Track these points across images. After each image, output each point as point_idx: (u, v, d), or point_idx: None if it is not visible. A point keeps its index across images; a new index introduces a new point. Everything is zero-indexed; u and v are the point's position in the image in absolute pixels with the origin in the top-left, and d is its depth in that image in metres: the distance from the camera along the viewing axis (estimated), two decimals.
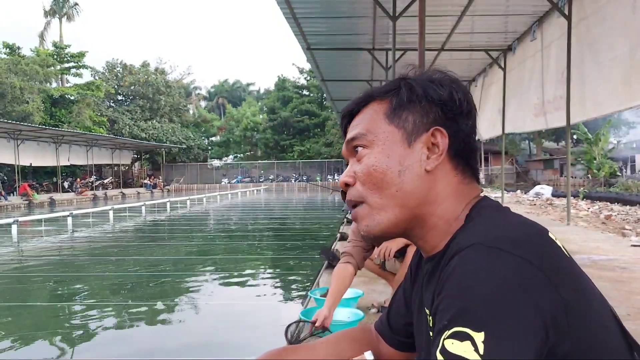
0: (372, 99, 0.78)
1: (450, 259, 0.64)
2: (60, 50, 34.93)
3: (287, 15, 8.61)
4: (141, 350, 3.81)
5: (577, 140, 27.44)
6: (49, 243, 10.09)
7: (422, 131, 0.74)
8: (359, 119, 0.79)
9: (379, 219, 0.73)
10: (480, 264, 0.59)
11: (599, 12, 6.45)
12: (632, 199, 14.23)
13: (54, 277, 6.49)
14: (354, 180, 0.76)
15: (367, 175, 0.74)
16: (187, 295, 5.56)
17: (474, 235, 0.64)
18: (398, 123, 0.74)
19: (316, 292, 3.11)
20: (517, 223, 0.66)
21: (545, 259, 0.59)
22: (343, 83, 14.71)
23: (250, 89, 64.01)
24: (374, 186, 0.73)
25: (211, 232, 11.89)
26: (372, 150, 0.74)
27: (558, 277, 0.59)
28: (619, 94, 6.03)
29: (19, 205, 21.14)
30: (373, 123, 0.76)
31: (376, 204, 0.73)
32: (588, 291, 0.63)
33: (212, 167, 43.22)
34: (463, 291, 0.58)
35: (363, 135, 0.76)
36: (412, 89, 0.75)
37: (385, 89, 0.78)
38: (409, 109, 0.75)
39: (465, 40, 10.26)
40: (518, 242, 0.60)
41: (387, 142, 0.74)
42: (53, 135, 26.19)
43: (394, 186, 0.72)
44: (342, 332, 0.99)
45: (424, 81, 0.76)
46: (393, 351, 0.93)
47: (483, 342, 0.53)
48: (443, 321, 0.58)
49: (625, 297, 3.27)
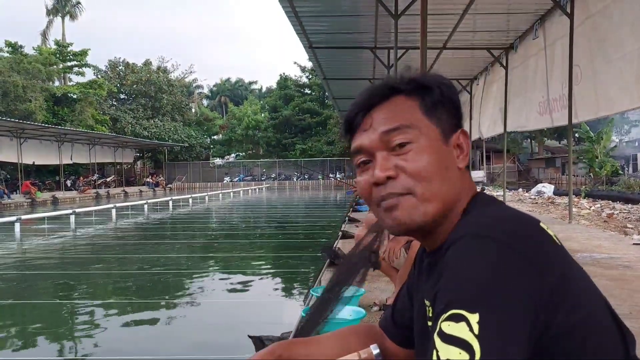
0: (396, 92, 0.78)
1: (446, 250, 0.68)
2: (62, 49, 35.00)
3: (289, 14, 8.61)
4: (143, 347, 3.82)
5: (579, 138, 27.36)
6: (51, 241, 10.13)
7: (453, 131, 0.78)
8: (386, 111, 0.77)
9: (424, 209, 0.74)
10: (471, 252, 0.63)
11: (605, 10, 6.42)
12: (634, 198, 14.20)
13: (56, 275, 6.52)
14: (396, 174, 0.74)
15: (420, 169, 0.73)
16: (189, 293, 5.58)
17: (466, 227, 0.68)
18: (436, 121, 0.76)
19: (318, 290, 3.12)
20: (507, 214, 0.71)
21: (530, 246, 0.63)
22: (345, 81, 14.72)
23: (253, 88, 64.06)
24: (425, 179, 0.74)
25: (213, 230, 11.91)
26: (420, 144, 0.74)
27: (543, 263, 0.63)
28: (631, 92, 5.99)
29: (21, 203, 21.20)
30: (412, 117, 0.76)
31: (424, 195, 0.74)
32: (575, 277, 0.66)
33: (214, 166, 43.24)
34: (457, 277, 0.62)
35: (407, 127, 0.75)
36: (442, 90, 0.78)
37: (410, 86, 0.78)
38: (442, 109, 0.77)
39: (467, 38, 10.25)
40: (505, 231, 0.64)
41: (431, 138, 0.75)
42: (55, 134, 26.25)
43: (443, 181, 0.74)
44: (347, 327, 1.01)
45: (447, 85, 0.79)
46: (398, 348, 0.94)
47: (478, 323, 0.56)
48: (440, 306, 0.61)
49: (628, 295, 3.28)
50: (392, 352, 0.94)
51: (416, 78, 0.79)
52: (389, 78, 0.81)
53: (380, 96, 0.78)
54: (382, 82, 0.80)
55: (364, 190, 0.79)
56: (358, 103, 0.80)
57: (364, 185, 0.78)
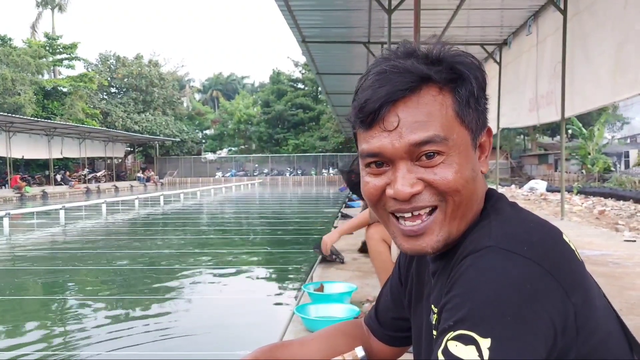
0: (429, 82, 0.65)
1: (464, 257, 0.61)
2: (52, 42, 34.57)
3: (282, 8, 8.54)
4: (133, 344, 3.77)
5: (572, 135, 27.55)
6: (41, 236, 10.01)
7: (482, 131, 0.69)
8: (416, 112, 0.64)
9: (449, 229, 0.67)
10: (493, 267, 0.56)
11: (592, 6, 6.46)
12: (626, 194, 14.31)
13: (45, 271, 6.44)
14: (421, 189, 0.65)
15: (451, 184, 0.64)
16: (179, 290, 5.53)
17: (489, 236, 0.61)
18: (468, 123, 0.66)
19: (310, 286, 3.09)
20: (532, 224, 0.63)
21: (558, 264, 0.58)
22: (338, 76, 14.66)
23: (245, 82, 63.75)
24: (455, 194, 0.65)
25: (204, 226, 11.85)
26: (451, 157, 0.64)
27: (570, 283, 0.57)
28: (605, 88, 6.11)
29: (10, 198, 20.98)
30: (447, 124, 0.64)
31: (453, 214, 0.66)
32: (594, 295, 0.62)
33: (205, 161, 43.07)
34: (472, 293, 0.55)
35: (443, 140, 0.64)
36: (478, 80, 0.68)
37: (445, 75, 0.66)
38: (474, 106, 0.67)
39: (460, 34, 10.23)
40: (533, 246, 0.58)
41: (462, 147, 0.65)
42: (45, 128, 25.97)
43: (473, 195, 0.67)
44: (333, 326, 0.98)
45: (481, 70, 0.69)
46: (384, 346, 0.92)
47: (489, 349, 0.51)
48: (449, 321, 0.56)
49: (618, 292, 3.28)
50: (378, 350, 0.92)
51: (452, 63, 0.67)
52: (416, 58, 0.67)
53: (407, 87, 0.64)
54: (410, 65, 0.65)
55: (372, 195, 0.69)
56: (378, 92, 0.64)
57: (373, 190, 0.68)
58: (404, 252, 0.72)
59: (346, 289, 3.02)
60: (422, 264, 0.81)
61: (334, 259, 4.18)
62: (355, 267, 4.12)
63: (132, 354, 3.58)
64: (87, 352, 3.65)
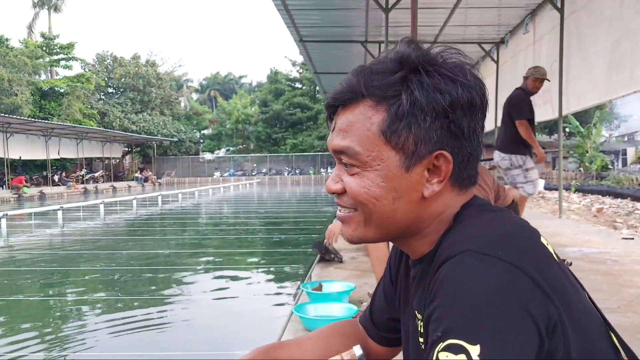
0: (364, 97, 0.66)
1: (440, 264, 0.61)
2: (49, 42, 34.44)
3: (279, 7, 8.54)
4: (131, 345, 3.77)
5: (570, 133, 27.59)
6: (39, 237, 9.99)
7: (425, 155, 0.65)
8: (344, 122, 0.67)
9: (364, 232, 0.70)
10: (473, 272, 0.56)
11: (589, 5, 6.48)
12: (624, 192, 14.33)
13: (44, 272, 6.42)
14: (343, 189, 0.69)
15: (358, 197, 0.67)
16: (177, 290, 5.53)
17: (464, 240, 0.61)
18: (397, 144, 0.64)
19: (308, 285, 3.09)
20: (509, 226, 0.63)
21: (537, 266, 0.58)
22: (336, 76, 14.63)
23: (243, 82, 63.67)
24: (365, 205, 0.68)
25: (203, 226, 11.84)
26: (366, 172, 0.66)
27: (549, 284, 0.57)
28: (599, 87, 6.13)
29: (8, 199, 20.92)
30: (367, 140, 0.65)
31: (366, 221, 0.69)
32: (575, 295, 0.62)
33: (203, 161, 43.01)
34: (455, 301, 0.55)
35: (355, 153, 0.66)
36: (415, 99, 0.63)
37: (383, 91, 0.65)
38: (409, 126, 0.64)
39: (458, 33, 10.24)
40: (510, 249, 0.58)
41: (382, 166, 0.65)
42: (42, 128, 25.88)
43: (385, 213, 0.67)
44: (329, 326, 0.98)
45: (435, 81, 0.64)
46: (379, 346, 0.92)
47: (479, 356, 0.51)
48: (437, 332, 0.55)
49: (616, 289, 3.29)
50: (374, 350, 0.92)
51: (386, 81, 0.65)
52: (362, 72, 0.68)
53: (345, 98, 0.68)
54: (352, 79, 0.68)
55: None
56: (330, 97, 0.71)
57: None
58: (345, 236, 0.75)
59: (345, 288, 3.01)
60: (406, 267, 0.80)
61: (332, 258, 4.18)
62: (353, 266, 4.12)
63: (130, 354, 3.58)
64: (86, 352, 3.64)
